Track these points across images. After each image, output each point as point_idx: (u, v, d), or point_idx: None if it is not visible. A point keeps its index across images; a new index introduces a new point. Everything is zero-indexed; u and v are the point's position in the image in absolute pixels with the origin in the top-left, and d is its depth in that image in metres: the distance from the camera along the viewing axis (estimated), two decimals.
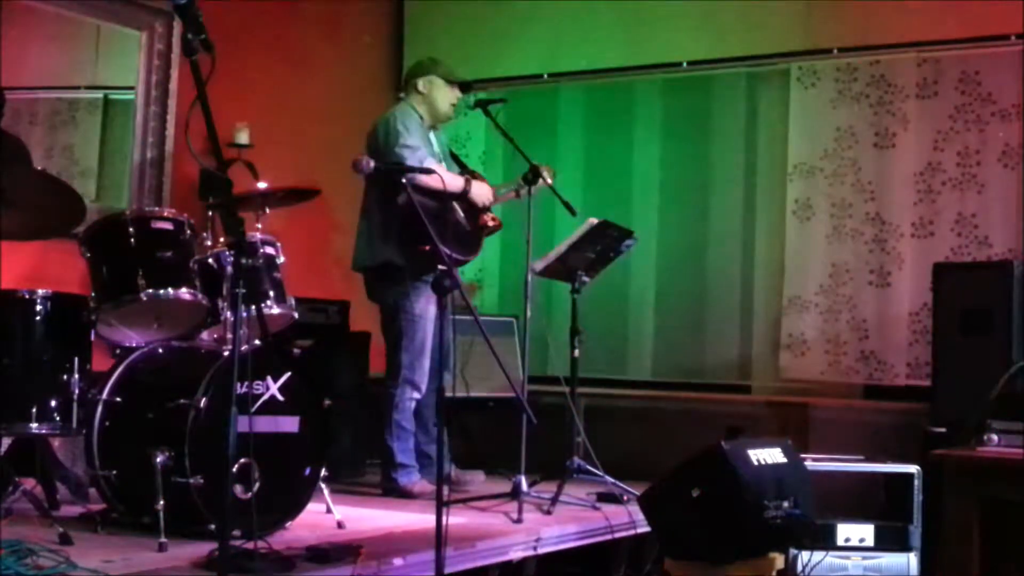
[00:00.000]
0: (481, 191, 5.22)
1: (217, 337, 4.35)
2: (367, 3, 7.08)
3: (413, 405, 5.10)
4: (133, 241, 4.13)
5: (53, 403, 3.90)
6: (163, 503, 3.73)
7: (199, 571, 3.41)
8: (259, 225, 4.46)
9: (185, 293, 4.13)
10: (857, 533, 4.71)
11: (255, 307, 3.59)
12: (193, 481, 3.73)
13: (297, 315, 4.59)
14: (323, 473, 4.17)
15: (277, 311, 4.42)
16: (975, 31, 5.72)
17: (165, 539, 3.65)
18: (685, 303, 6.43)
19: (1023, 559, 3.80)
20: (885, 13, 5.88)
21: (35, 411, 3.86)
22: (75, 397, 3.92)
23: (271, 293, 4.41)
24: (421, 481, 5.06)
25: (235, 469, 3.59)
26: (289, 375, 4.04)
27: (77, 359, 3.94)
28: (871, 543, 4.70)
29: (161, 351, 4.22)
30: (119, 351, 4.26)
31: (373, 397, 5.36)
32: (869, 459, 4.98)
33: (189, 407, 3.78)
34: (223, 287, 4.19)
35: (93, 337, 4.08)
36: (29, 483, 4.01)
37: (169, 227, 4.21)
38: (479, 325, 4.20)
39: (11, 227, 3.90)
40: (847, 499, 5.01)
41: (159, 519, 3.71)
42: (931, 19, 5.81)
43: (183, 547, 3.63)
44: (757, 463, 4.15)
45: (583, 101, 6.79)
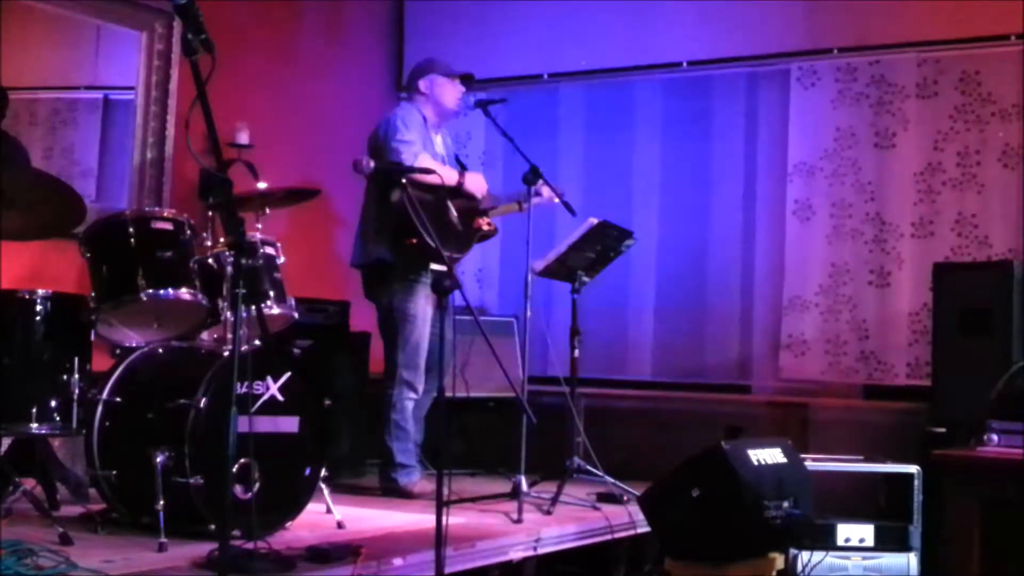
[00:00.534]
0: (475, 181, 5.23)
1: (217, 337, 4.35)
2: (367, 3, 7.08)
3: (411, 405, 5.10)
4: (133, 241, 4.12)
5: (53, 403, 3.90)
6: (163, 503, 3.72)
7: (199, 571, 3.40)
8: (259, 225, 4.45)
9: (185, 293, 4.13)
10: (857, 533, 4.71)
11: (255, 307, 3.60)
12: (193, 481, 3.72)
13: (297, 315, 4.58)
14: (323, 473, 4.16)
15: (277, 311, 4.42)
16: (975, 31, 5.72)
17: (165, 539, 3.64)
18: (685, 303, 6.42)
19: (1023, 559, 3.80)
20: (885, 13, 5.88)
21: (35, 411, 3.87)
22: (75, 397, 3.92)
23: (271, 293, 4.41)
24: (421, 481, 5.07)
25: (235, 469, 3.58)
26: (289, 375, 4.03)
27: (77, 359, 3.94)
28: (871, 543, 4.70)
29: (161, 351, 4.21)
30: (119, 351, 4.25)
31: (373, 397, 5.36)
32: (869, 459, 4.98)
33: (189, 407, 3.77)
34: (223, 287, 4.18)
35: (93, 337, 4.08)
36: (29, 483, 4.01)
37: (169, 227, 4.20)
38: (479, 325, 4.20)
39: (11, 227, 3.89)
40: (847, 499, 5.01)
41: (159, 519, 3.70)
42: (931, 19, 5.81)
43: (183, 547, 3.62)
44: (757, 463, 4.15)
45: (583, 101, 6.79)
